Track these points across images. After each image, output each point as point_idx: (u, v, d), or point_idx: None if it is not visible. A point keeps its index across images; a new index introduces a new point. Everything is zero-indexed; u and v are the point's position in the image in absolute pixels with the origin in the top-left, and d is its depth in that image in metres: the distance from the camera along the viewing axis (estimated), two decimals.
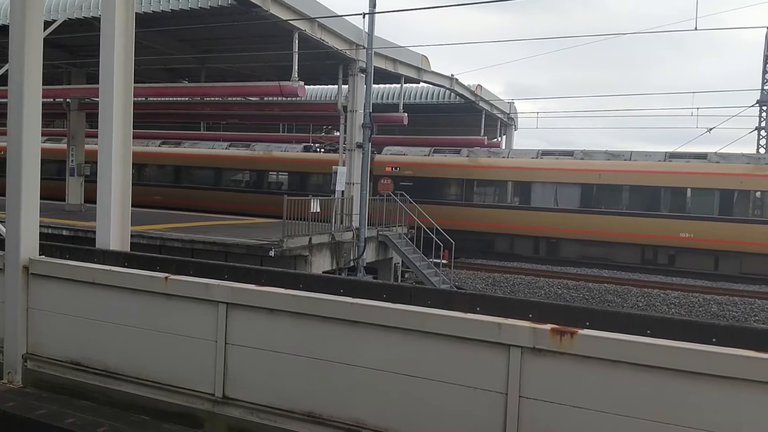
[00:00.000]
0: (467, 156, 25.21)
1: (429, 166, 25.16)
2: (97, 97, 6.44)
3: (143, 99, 19.44)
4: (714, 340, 3.50)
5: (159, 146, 30.16)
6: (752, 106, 26.63)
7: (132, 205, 6.47)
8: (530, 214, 23.47)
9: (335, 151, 26.90)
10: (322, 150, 27.59)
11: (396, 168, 25.41)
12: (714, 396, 3.14)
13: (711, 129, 24.68)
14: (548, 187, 23.49)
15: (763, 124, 27.10)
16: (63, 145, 29.47)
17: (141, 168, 29.47)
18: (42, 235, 5.78)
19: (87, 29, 14.96)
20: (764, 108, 26.92)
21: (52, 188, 19.69)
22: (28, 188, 5.48)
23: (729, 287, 19.31)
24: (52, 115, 24.83)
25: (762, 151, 26.66)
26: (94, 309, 5.02)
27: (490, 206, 24.40)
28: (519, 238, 23.91)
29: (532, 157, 24.24)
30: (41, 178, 5.68)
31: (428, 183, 24.81)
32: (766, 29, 26.43)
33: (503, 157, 25.05)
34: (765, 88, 26.90)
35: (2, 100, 17.10)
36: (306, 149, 27.68)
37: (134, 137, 6.28)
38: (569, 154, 23.90)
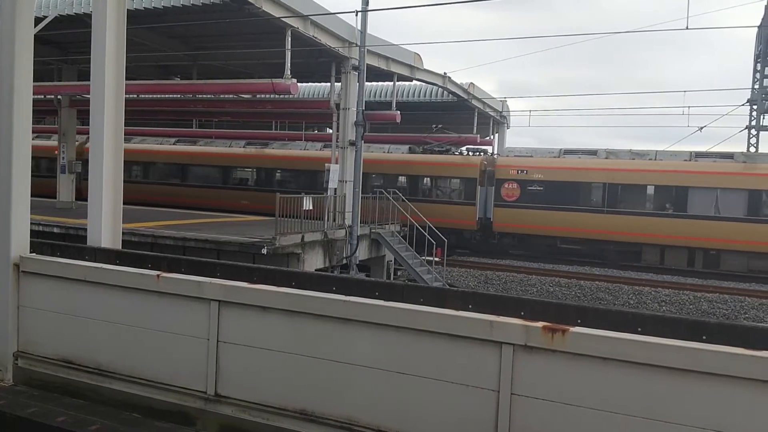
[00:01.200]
0: (606, 158, 23.27)
1: (563, 169, 23.27)
2: (88, 94, 6.41)
3: (135, 96, 19.36)
4: (704, 337, 3.53)
5: (244, 147, 28.60)
6: (743, 105, 26.83)
7: (221, 211, 6.45)
8: (685, 222, 21.31)
9: (445, 152, 25.82)
10: (436, 151, 26.13)
11: (523, 171, 23.55)
12: (704, 393, 3.17)
13: (702, 128, 24.83)
14: (707, 193, 21.26)
15: (753, 123, 27.26)
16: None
17: (228, 170, 28.20)
18: (33, 233, 5.75)
19: (78, 26, 14.90)
20: (755, 107, 27.09)
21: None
22: (18, 185, 5.45)
23: (719, 285, 19.44)
24: (43, 112, 24.70)
25: (752, 149, 26.82)
26: (85, 307, 5.00)
27: (637, 213, 22.06)
28: (671, 249, 21.82)
29: (685, 160, 22.16)
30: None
31: (562, 188, 22.98)
32: (756, 28, 26.58)
33: (650, 159, 22.66)
34: (755, 87, 27.06)
35: None
36: (411, 151, 26.43)
37: (219, 137, 6.22)
38: (728, 156, 22.03)
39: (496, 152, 28.13)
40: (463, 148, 26.63)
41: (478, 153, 25.86)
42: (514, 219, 23.63)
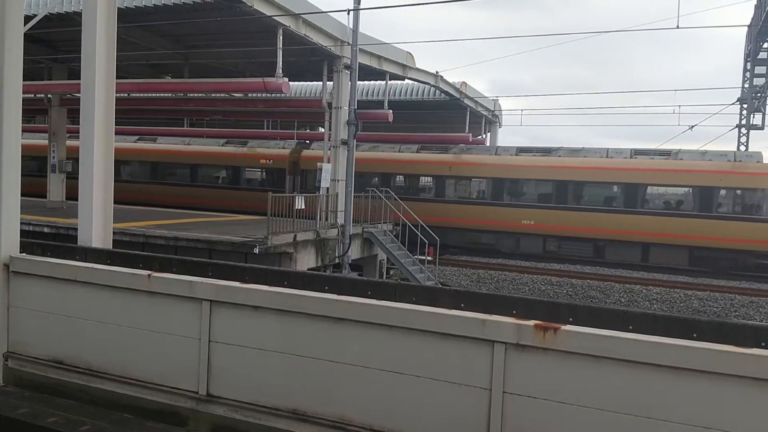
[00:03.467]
0: None
1: None
2: (79, 92, 6.38)
3: (126, 95, 19.26)
4: (695, 335, 3.55)
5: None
6: (733, 103, 26.99)
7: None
8: None
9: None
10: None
11: None
12: (695, 390, 3.18)
13: (693, 126, 24.96)
14: None
15: (743, 121, 27.42)
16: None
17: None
18: (23, 233, 5.72)
19: (68, 24, 14.82)
20: (744, 106, 27.24)
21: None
22: (8, 185, 5.41)
23: (710, 283, 19.53)
24: (33, 111, 24.55)
25: (742, 148, 26.97)
26: (76, 307, 4.98)
27: None
28: None
29: None
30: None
31: None
32: (746, 27, 26.73)
33: None
34: (745, 86, 27.21)
35: None
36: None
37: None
38: None
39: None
40: None
41: None
42: None
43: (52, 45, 19.27)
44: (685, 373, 3.18)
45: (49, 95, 20.82)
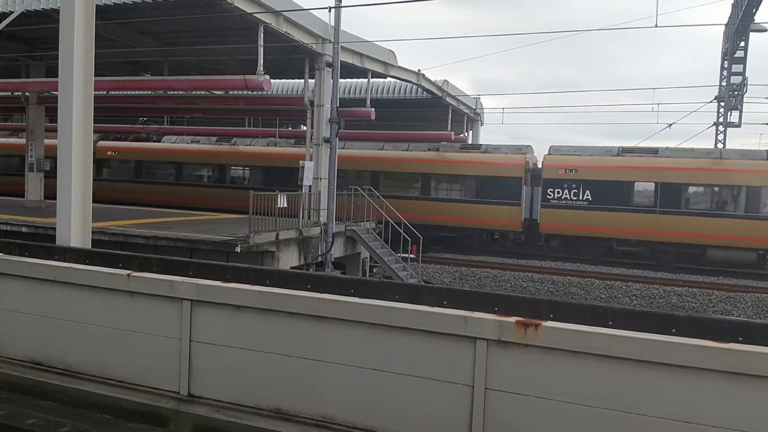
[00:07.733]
0: None
1: None
2: (57, 90, 6.30)
3: (104, 93, 19.05)
4: (673, 330, 3.60)
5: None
6: (710, 102, 27.34)
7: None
8: None
9: None
10: None
11: None
12: (673, 385, 3.22)
13: (671, 124, 25.26)
14: None
15: (720, 119, 27.77)
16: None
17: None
18: (0, 232, 5.64)
19: (46, 21, 14.62)
20: (722, 104, 27.58)
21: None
22: None
23: (688, 279, 19.77)
24: (11, 110, 24.20)
25: (720, 146, 27.31)
26: (54, 307, 4.92)
27: None
28: None
29: None
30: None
31: None
32: (723, 26, 27.08)
33: None
34: (722, 84, 27.56)
35: None
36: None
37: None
38: None
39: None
40: None
41: None
42: None
43: (29, 42, 19.00)
44: (664, 368, 3.22)
45: (27, 93, 20.53)
